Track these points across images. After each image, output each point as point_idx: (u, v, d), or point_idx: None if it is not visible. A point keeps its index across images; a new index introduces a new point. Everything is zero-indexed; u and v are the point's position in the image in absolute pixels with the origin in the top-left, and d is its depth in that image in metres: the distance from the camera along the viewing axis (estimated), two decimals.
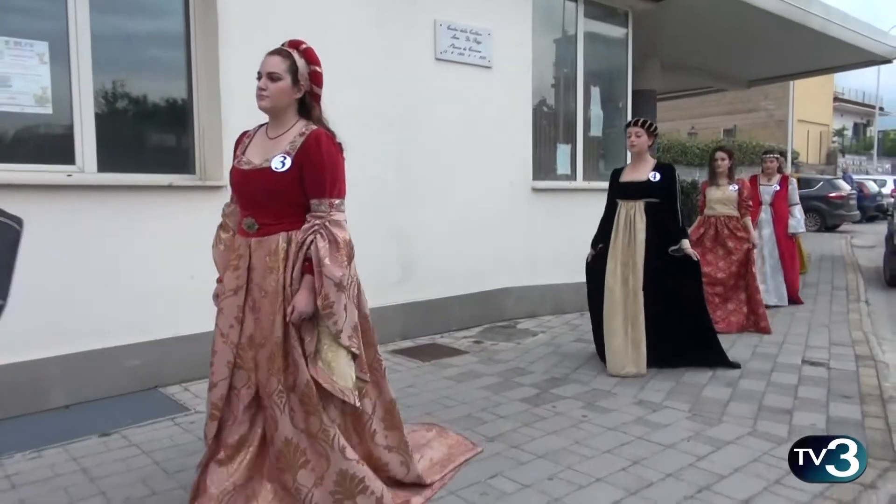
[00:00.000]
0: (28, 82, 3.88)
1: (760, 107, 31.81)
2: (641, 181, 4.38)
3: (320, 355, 2.29)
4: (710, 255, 5.92)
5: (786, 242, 7.17)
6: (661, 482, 2.79)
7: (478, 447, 3.10)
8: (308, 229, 2.30)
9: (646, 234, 4.31)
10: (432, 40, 5.46)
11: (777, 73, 12.37)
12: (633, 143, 4.42)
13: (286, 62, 2.41)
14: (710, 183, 6.16)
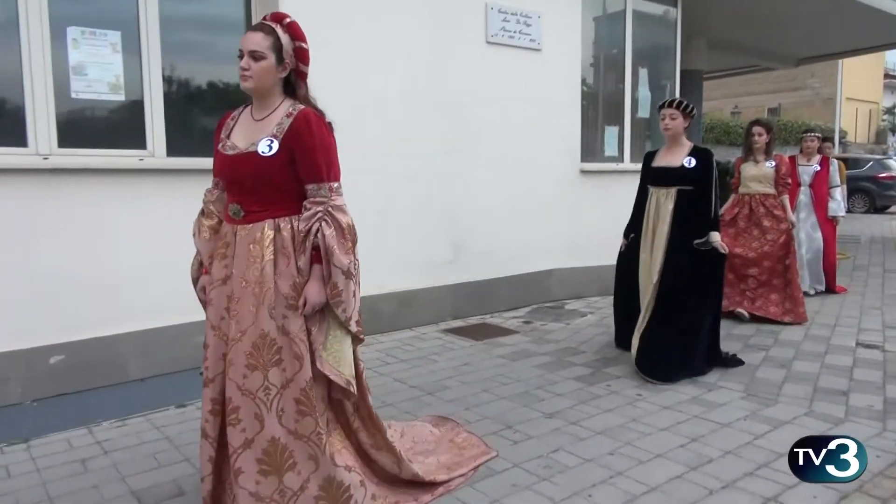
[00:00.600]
0: (102, 70, 4.05)
1: (807, 84, 30.92)
2: (675, 167, 4.06)
3: (326, 346, 2.19)
4: (743, 237, 5.57)
5: (826, 226, 6.87)
6: (721, 459, 2.86)
7: (493, 451, 2.90)
8: (311, 217, 2.17)
9: (671, 226, 3.99)
10: (484, 23, 5.51)
11: (827, 50, 12.07)
12: (668, 126, 4.09)
13: (269, 39, 2.22)
14: (745, 159, 5.79)
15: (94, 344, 3.87)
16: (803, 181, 6.81)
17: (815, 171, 6.83)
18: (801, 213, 6.69)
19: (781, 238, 5.46)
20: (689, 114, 4.11)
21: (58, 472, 2.81)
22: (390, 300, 5.10)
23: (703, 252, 3.96)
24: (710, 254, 3.97)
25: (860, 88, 32.86)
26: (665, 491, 2.59)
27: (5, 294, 3.59)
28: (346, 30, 4.75)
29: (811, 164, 6.88)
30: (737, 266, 5.48)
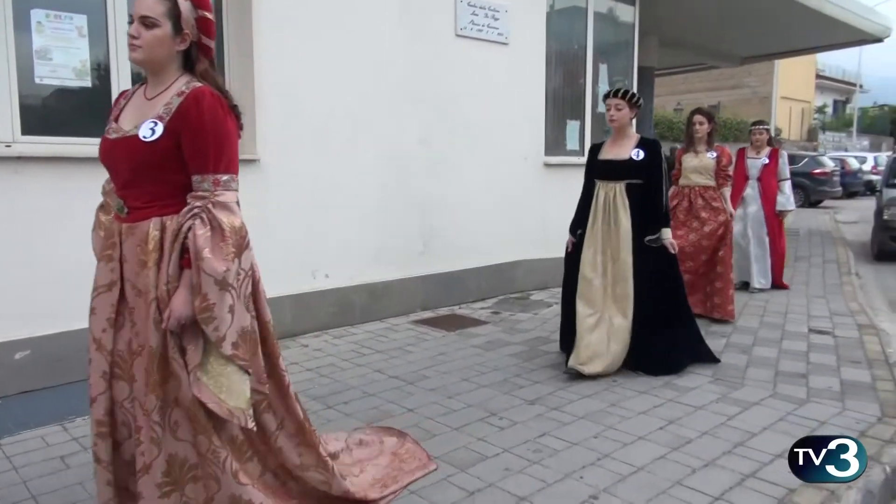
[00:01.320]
0: (68, 55, 3.92)
1: (744, 83, 32.09)
2: (622, 160, 3.87)
3: (205, 369, 1.87)
4: (681, 229, 5.26)
5: (773, 220, 6.67)
6: (699, 439, 3.00)
7: (433, 465, 2.70)
8: (186, 213, 1.86)
9: (631, 221, 3.83)
10: (453, 16, 5.54)
11: (770, 50, 12.58)
12: (613, 117, 3.90)
13: (165, 4, 1.90)
14: (686, 149, 5.55)
15: (60, 338, 3.75)
16: (751, 174, 6.67)
17: (763, 165, 6.65)
18: (750, 207, 6.58)
19: (719, 230, 5.23)
20: (635, 104, 3.92)
21: (38, 470, 2.73)
22: (362, 292, 5.10)
23: (657, 248, 3.85)
24: (663, 248, 3.88)
25: (794, 88, 34.33)
26: (650, 471, 2.70)
27: None
28: (319, 20, 4.71)
29: (760, 158, 6.70)
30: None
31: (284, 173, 4.62)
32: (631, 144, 3.91)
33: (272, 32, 4.47)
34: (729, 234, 5.28)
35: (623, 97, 3.89)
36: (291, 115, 4.62)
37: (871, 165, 22.80)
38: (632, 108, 3.92)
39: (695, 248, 5.23)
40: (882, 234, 9.10)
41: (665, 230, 3.88)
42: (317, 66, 4.75)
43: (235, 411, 1.88)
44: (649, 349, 3.86)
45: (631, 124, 4.02)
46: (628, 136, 3.96)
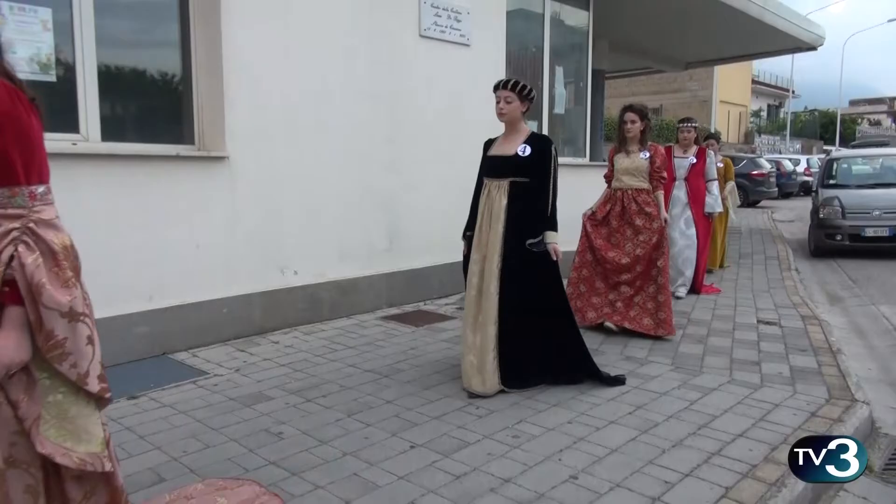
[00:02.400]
0: (32, 49, 3.84)
1: (686, 87, 33.20)
2: (509, 156, 3.55)
3: (45, 418, 1.54)
4: (616, 237, 4.89)
5: (702, 223, 6.41)
6: (666, 422, 3.17)
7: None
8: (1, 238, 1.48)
9: (505, 223, 3.50)
10: (417, 17, 5.63)
11: (712, 56, 13.14)
12: (503, 110, 3.57)
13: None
14: (617, 149, 5.09)
15: None
16: (678, 174, 6.39)
17: (690, 164, 6.39)
18: (675, 209, 6.25)
19: (654, 238, 4.76)
20: (526, 97, 3.59)
21: None
22: (330, 288, 5.14)
23: (538, 253, 3.51)
24: (545, 254, 3.54)
25: (732, 92, 35.70)
26: (624, 452, 2.85)
27: None
28: (284, 18, 4.73)
29: (687, 157, 6.43)
30: (607, 272, 4.89)
31: (252, 170, 4.62)
32: (520, 140, 3.59)
33: (239, 29, 4.47)
34: (665, 241, 4.80)
35: (513, 89, 3.55)
36: (259, 112, 4.62)
37: (804, 167, 23.91)
38: (523, 101, 3.59)
39: (630, 258, 4.79)
40: (818, 231, 9.62)
41: (550, 234, 3.53)
42: (284, 64, 4.76)
43: (89, 458, 1.58)
44: (514, 363, 3.54)
45: (522, 118, 3.67)
46: (518, 132, 3.63)
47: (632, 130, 4.95)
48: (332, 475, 2.63)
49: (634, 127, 4.94)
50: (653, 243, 4.77)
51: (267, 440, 2.96)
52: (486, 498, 2.46)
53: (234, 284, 4.57)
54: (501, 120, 3.64)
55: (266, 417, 3.22)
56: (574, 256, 5.06)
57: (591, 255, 4.94)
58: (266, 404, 3.39)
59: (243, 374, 3.87)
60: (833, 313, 6.10)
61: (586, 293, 4.93)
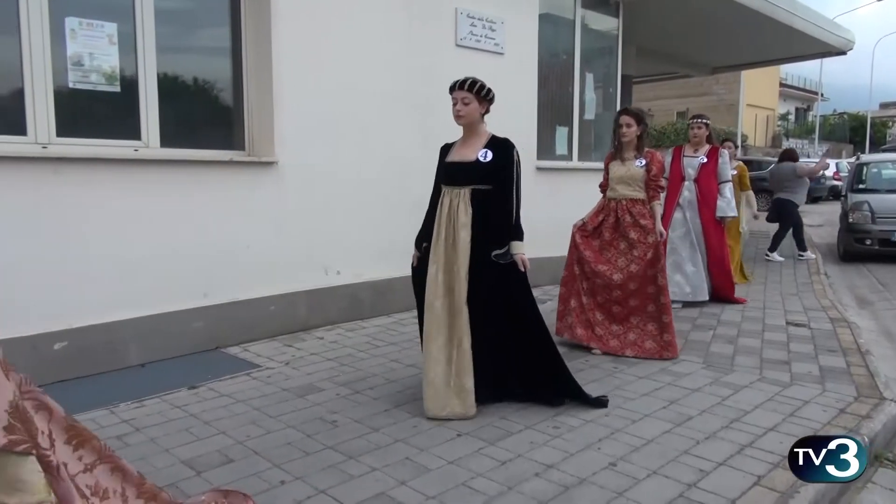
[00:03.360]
0: (99, 61, 4.11)
1: (712, 91, 33.00)
2: (468, 162, 3.31)
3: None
4: (609, 251, 4.54)
5: (713, 228, 5.97)
6: (699, 416, 3.32)
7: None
8: None
9: (472, 233, 3.26)
10: (454, 27, 5.84)
11: (740, 61, 13.13)
12: (460, 113, 3.31)
13: None
14: (613, 156, 4.73)
15: (95, 330, 3.94)
16: (688, 175, 5.99)
17: (701, 164, 5.96)
18: (686, 213, 5.95)
19: (648, 254, 4.39)
20: (485, 97, 3.35)
21: None
22: (368, 288, 5.36)
23: (505, 265, 3.29)
24: (513, 266, 3.32)
25: (759, 96, 35.39)
26: (660, 442, 3.01)
27: (10, 280, 3.62)
28: (329, 30, 4.96)
29: (697, 156, 6.01)
30: (597, 289, 4.52)
31: (298, 175, 4.85)
32: (480, 144, 3.35)
33: (288, 39, 4.70)
34: (661, 257, 4.44)
35: (470, 89, 3.30)
36: (306, 119, 4.86)
37: (834, 171, 23.65)
38: (482, 102, 3.34)
39: (623, 275, 4.42)
40: (848, 236, 9.63)
41: (516, 244, 3.31)
42: (329, 73, 4.99)
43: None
44: (491, 379, 3.36)
45: (482, 121, 3.42)
46: (478, 135, 3.39)
47: (627, 135, 4.57)
48: (385, 459, 2.82)
49: (630, 131, 4.56)
50: (647, 259, 4.38)
51: (322, 427, 3.17)
52: (531, 482, 2.63)
53: (280, 283, 4.80)
54: (459, 123, 3.38)
55: (319, 407, 3.43)
56: (563, 270, 4.74)
57: (580, 269, 4.58)
58: (317, 395, 3.61)
59: (293, 367, 4.09)
60: (862, 316, 6.17)
61: (576, 309, 4.56)
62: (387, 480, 2.63)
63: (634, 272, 4.41)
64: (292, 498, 2.49)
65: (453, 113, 3.36)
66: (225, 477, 2.65)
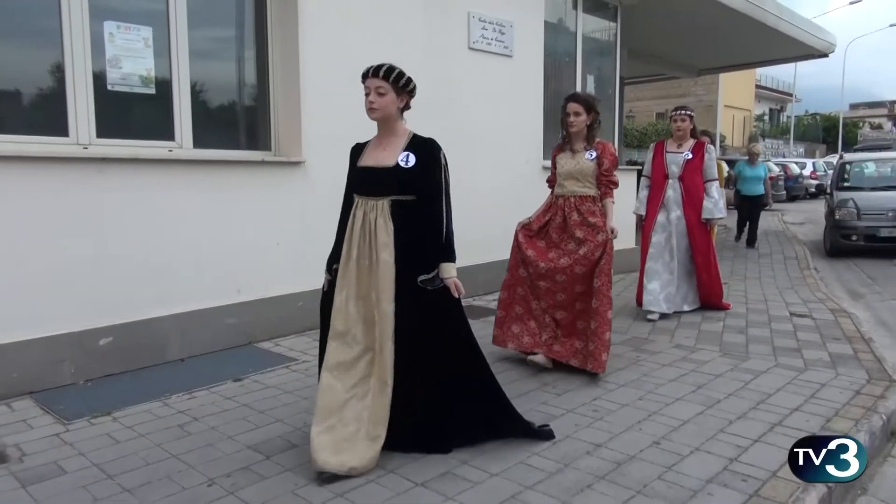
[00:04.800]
0: (135, 64, 4.22)
1: (691, 92, 33.55)
2: (387, 167, 2.75)
3: None
4: (555, 252, 4.06)
5: (699, 231, 5.47)
6: (727, 399, 3.52)
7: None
8: None
9: (395, 254, 2.70)
10: (466, 31, 6.00)
11: (725, 63, 13.51)
12: (373, 105, 2.75)
13: None
14: (561, 148, 4.25)
15: (137, 326, 4.04)
16: (671, 172, 5.49)
17: (685, 160, 5.44)
18: (671, 214, 5.48)
19: (596, 253, 3.91)
20: (403, 88, 2.81)
21: (163, 436, 3.04)
22: None
23: (435, 292, 2.74)
24: (443, 293, 2.75)
25: (736, 97, 36.10)
26: (696, 423, 3.20)
27: (56, 278, 3.70)
28: (352, 34, 5.10)
29: (682, 152, 5.49)
30: (541, 292, 4.06)
31: (324, 174, 4.96)
32: (399, 145, 2.79)
33: (313, 44, 4.83)
34: (608, 258, 3.93)
35: (385, 77, 2.74)
36: (330, 121, 4.97)
37: (811, 171, 24.30)
38: (400, 94, 2.80)
39: (567, 275, 3.96)
40: (834, 232, 9.98)
41: (447, 266, 2.75)
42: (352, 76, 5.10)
43: None
44: (416, 425, 2.81)
45: (401, 117, 2.85)
46: (396, 134, 2.83)
47: (576, 124, 4.08)
48: None
49: (579, 120, 4.07)
50: (594, 259, 3.91)
51: None
52: (584, 459, 2.81)
53: (307, 279, 4.89)
54: (372, 117, 2.81)
55: None
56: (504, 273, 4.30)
57: (525, 271, 4.12)
58: None
59: None
60: (857, 308, 6.44)
61: (523, 315, 4.13)
62: (448, 461, 2.78)
63: (579, 273, 3.93)
64: (364, 478, 2.63)
65: (365, 105, 2.79)
66: (293, 460, 2.79)
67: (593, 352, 3.81)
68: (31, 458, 2.82)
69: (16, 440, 3.00)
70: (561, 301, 4.03)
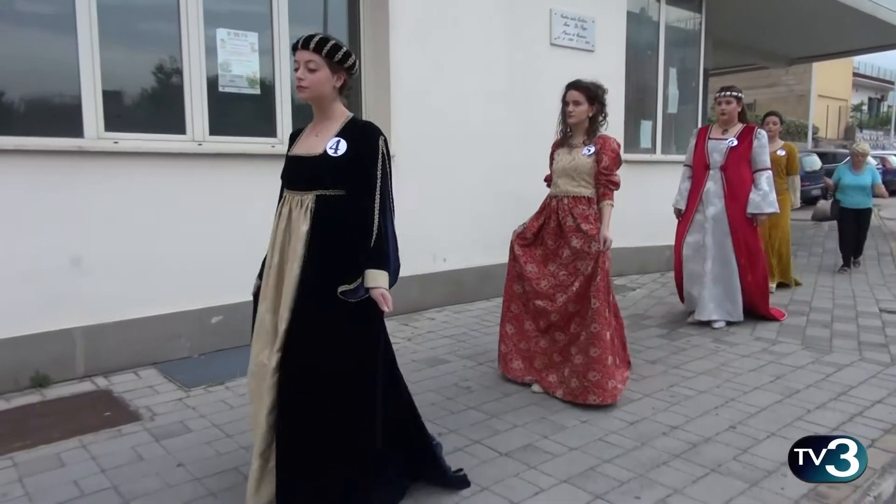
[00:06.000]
0: (243, 67, 4.60)
1: (781, 81, 32.16)
2: (314, 156, 2.27)
3: None
4: (553, 263, 3.61)
5: (744, 229, 4.77)
6: (806, 390, 3.56)
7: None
8: None
9: (303, 260, 2.24)
10: (548, 27, 6.14)
11: (819, 52, 12.96)
12: (301, 83, 2.25)
13: None
14: (560, 142, 3.80)
15: (243, 307, 4.40)
16: (713, 161, 4.83)
17: (729, 148, 4.78)
18: (709, 209, 4.81)
19: (589, 268, 3.45)
20: (340, 63, 2.28)
21: None
22: (474, 273, 5.74)
23: (357, 305, 2.20)
24: (366, 305, 2.23)
25: (831, 86, 34.27)
26: (773, 410, 3.28)
27: (177, 263, 4.13)
28: (438, 35, 5.34)
29: (726, 138, 4.83)
30: (538, 312, 3.61)
31: (412, 170, 5.24)
32: (332, 131, 2.32)
33: (401, 46, 5.11)
34: (603, 273, 3.44)
35: (317, 49, 2.23)
36: (417, 118, 5.26)
37: None
38: (336, 71, 2.28)
39: (567, 294, 3.49)
40: None
41: (374, 273, 2.24)
42: (437, 75, 5.38)
43: None
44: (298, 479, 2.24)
45: (337, 98, 2.34)
46: (329, 118, 2.35)
47: (575, 115, 3.62)
48: (524, 418, 3.18)
49: (578, 111, 3.61)
50: (587, 274, 3.45)
51: (459, 392, 3.55)
52: (660, 439, 2.95)
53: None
54: (301, 97, 2.32)
55: (451, 375, 3.82)
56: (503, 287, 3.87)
57: (521, 287, 3.69)
58: (446, 366, 4.00)
59: (416, 343, 4.49)
60: None
61: (514, 336, 3.70)
62: (530, 435, 2.99)
63: (575, 291, 3.46)
64: (453, 446, 2.87)
65: (296, 83, 2.31)
66: None
67: (598, 382, 3.30)
68: (160, 418, 3.21)
69: (146, 403, 3.41)
70: (556, 322, 3.54)
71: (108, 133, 4.01)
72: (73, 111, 3.91)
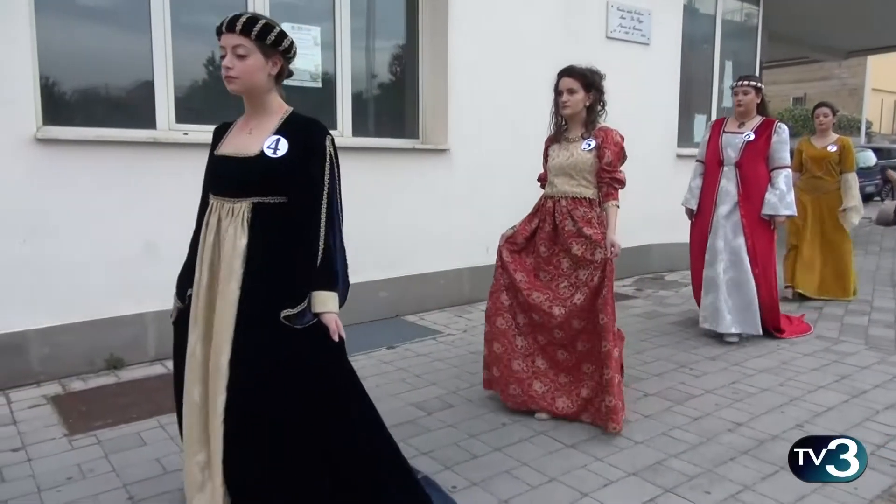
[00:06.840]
0: (306, 61, 4.69)
1: (833, 75, 31.27)
2: (247, 157, 1.97)
3: None
4: (547, 272, 3.19)
5: (758, 230, 4.34)
6: (873, 390, 3.51)
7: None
8: None
9: (242, 281, 1.95)
10: (604, 20, 6.10)
11: (877, 44, 12.55)
12: (229, 73, 1.93)
13: None
14: (555, 137, 3.39)
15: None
16: (726, 156, 4.41)
17: (745, 142, 4.35)
18: (721, 208, 4.41)
19: (595, 278, 3.04)
20: (273, 47, 1.96)
21: None
22: None
23: (305, 333, 1.93)
24: (313, 333, 1.95)
25: (887, 79, 33.13)
26: (840, 410, 3.24)
27: None
28: (496, 28, 5.36)
29: (742, 132, 4.39)
30: (535, 326, 3.18)
31: (465, 161, 5.30)
32: (269, 127, 2.01)
33: (460, 38, 5.14)
34: (609, 284, 3.02)
35: (245, 32, 1.91)
36: (472, 110, 5.29)
37: None
38: (270, 56, 1.97)
39: (567, 307, 3.05)
40: None
41: (323, 296, 1.97)
42: (494, 67, 5.40)
43: None
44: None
45: (273, 89, 2.04)
46: (266, 112, 2.04)
47: (570, 105, 3.24)
48: None
49: (573, 100, 3.23)
50: (593, 285, 3.03)
51: None
52: (726, 435, 2.94)
53: (449, 259, 5.28)
54: (231, 88, 1.97)
55: None
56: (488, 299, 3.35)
57: (512, 298, 3.22)
58: None
59: (471, 334, 4.54)
60: None
61: (504, 355, 3.17)
62: (592, 428, 3.01)
63: (579, 304, 3.03)
64: (518, 437, 2.91)
65: (223, 73, 1.96)
66: (453, 418, 3.13)
67: (613, 407, 2.91)
68: None
69: None
70: (559, 339, 3.11)
71: (179, 125, 4.14)
72: (146, 103, 4.06)
